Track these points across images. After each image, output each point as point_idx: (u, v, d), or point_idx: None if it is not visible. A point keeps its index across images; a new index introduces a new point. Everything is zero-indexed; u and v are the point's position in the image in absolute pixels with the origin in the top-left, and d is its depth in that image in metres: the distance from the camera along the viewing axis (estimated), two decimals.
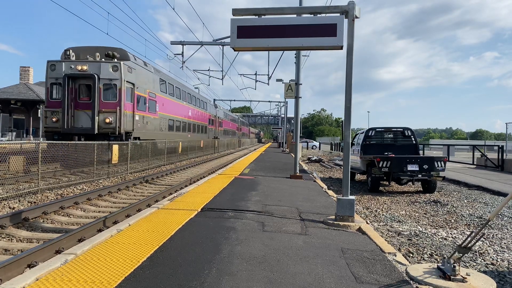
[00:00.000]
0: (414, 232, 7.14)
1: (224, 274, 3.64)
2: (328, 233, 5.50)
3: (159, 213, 6.36)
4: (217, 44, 21.21)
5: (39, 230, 7.34)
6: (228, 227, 5.54)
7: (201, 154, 31.83)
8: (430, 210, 9.69)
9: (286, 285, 3.44)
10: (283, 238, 5.05)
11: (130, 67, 18.53)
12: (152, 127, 21.87)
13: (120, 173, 16.01)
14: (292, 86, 13.90)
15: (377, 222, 8.12)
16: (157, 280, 3.43)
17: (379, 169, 12.16)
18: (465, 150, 45.05)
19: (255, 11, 6.29)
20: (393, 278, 3.74)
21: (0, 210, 8.52)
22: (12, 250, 6.07)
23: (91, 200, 10.07)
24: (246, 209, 6.92)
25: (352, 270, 3.91)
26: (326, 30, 6.06)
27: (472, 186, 14.00)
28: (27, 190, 10.43)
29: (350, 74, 6.18)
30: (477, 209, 9.77)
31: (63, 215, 8.60)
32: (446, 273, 3.77)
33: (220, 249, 4.44)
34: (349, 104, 6.25)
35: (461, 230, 7.52)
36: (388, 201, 11.04)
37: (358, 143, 15.02)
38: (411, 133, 14.81)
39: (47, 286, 3.22)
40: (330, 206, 7.61)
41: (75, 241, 6.21)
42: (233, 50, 6.80)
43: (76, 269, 3.64)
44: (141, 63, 20.73)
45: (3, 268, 4.72)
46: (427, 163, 12.12)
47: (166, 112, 24.53)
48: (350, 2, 6.04)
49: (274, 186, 10.41)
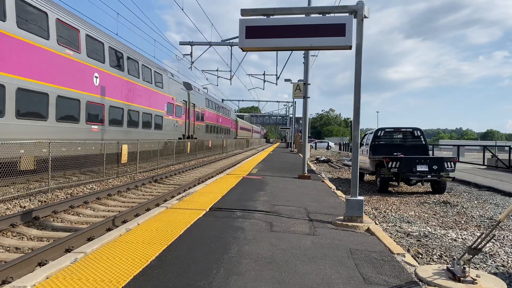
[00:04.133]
0: (423, 233, 7.09)
1: (232, 273, 3.65)
2: (337, 233, 5.48)
3: (168, 212, 6.39)
4: (225, 44, 21.25)
5: (49, 228, 7.42)
6: (236, 227, 5.55)
7: (209, 154, 31.90)
8: (439, 211, 9.62)
9: (294, 285, 3.44)
10: (291, 238, 5.04)
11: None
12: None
13: (129, 172, 16.12)
14: (301, 86, 13.88)
15: (386, 223, 8.08)
16: (165, 279, 3.45)
17: (388, 169, 12.10)
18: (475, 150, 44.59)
19: (263, 11, 6.28)
20: (402, 279, 3.71)
21: (12, 208, 8.62)
22: (23, 249, 6.14)
23: (100, 199, 10.16)
24: (254, 209, 6.92)
25: (360, 270, 3.89)
26: (335, 30, 6.04)
27: (483, 187, 13.86)
28: (38, 189, 10.54)
29: (359, 74, 6.15)
30: (488, 210, 9.67)
31: (73, 214, 8.68)
32: (456, 274, 3.74)
33: (228, 248, 4.45)
34: (358, 104, 6.21)
35: (471, 231, 7.44)
36: (397, 201, 10.97)
37: (367, 144, 14.96)
38: (421, 133, 14.71)
39: (57, 285, 3.25)
40: (338, 207, 7.58)
41: (84, 240, 6.27)
42: (242, 51, 6.79)
43: (86, 267, 3.67)
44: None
45: (14, 266, 4.78)
46: (436, 163, 12.03)
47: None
48: (359, 1, 6.01)
49: (282, 186, 10.40)
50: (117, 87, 17.18)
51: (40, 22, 12.28)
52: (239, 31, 6.29)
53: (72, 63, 13.79)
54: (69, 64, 13.62)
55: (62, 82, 13.21)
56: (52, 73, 12.71)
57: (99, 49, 15.78)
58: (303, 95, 13.78)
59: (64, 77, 13.31)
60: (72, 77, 13.79)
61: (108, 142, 15.19)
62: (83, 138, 14.48)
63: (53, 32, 12.78)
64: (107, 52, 16.34)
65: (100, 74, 15.67)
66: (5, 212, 8.25)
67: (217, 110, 40.89)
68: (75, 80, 14.01)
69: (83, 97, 14.49)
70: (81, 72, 14.41)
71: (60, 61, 13.14)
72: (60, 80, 13.13)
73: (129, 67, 18.41)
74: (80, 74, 14.35)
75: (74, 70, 13.91)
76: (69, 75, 13.60)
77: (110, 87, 16.58)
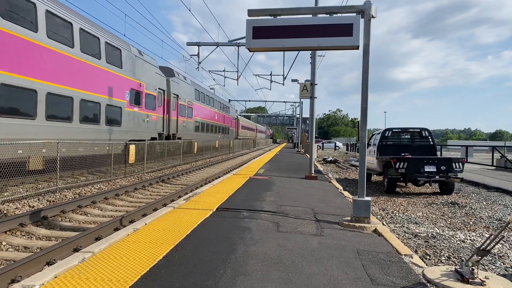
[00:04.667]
0: (431, 234, 7.04)
1: (239, 274, 3.65)
2: (344, 234, 5.46)
3: (175, 212, 6.41)
4: (232, 45, 21.27)
5: (58, 228, 7.48)
6: (243, 227, 5.55)
7: (216, 154, 31.94)
8: (447, 212, 9.55)
9: (300, 286, 3.43)
10: (298, 239, 5.03)
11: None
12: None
13: (136, 172, 16.20)
14: (308, 86, 13.85)
15: (393, 224, 8.04)
16: (172, 279, 3.46)
17: (395, 170, 12.04)
18: (484, 151, 44.23)
19: (270, 12, 6.28)
20: (410, 281, 3.69)
21: (21, 208, 8.71)
22: (31, 248, 6.20)
23: (108, 199, 10.22)
24: (261, 209, 6.92)
25: (367, 271, 3.88)
26: (342, 30, 6.02)
27: (491, 187, 13.74)
28: (46, 189, 10.63)
29: (366, 74, 6.13)
30: (497, 211, 9.58)
31: (81, 213, 8.74)
32: (464, 276, 3.71)
33: (235, 249, 4.45)
34: (366, 104, 6.19)
35: (480, 233, 7.38)
36: (404, 202, 10.91)
37: (375, 144, 14.89)
38: (429, 133, 14.62)
39: (65, 284, 3.27)
40: (345, 207, 7.55)
41: (92, 239, 6.31)
42: (249, 51, 6.78)
43: (94, 267, 3.69)
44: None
45: (23, 266, 4.83)
46: (444, 164, 11.95)
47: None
48: (366, 1, 5.98)
49: (289, 186, 10.39)
50: (22, 56, 11.12)
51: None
52: (246, 32, 6.29)
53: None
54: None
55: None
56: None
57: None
58: (310, 95, 13.75)
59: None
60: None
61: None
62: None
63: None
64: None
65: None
66: (14, 212, 8.34)
67: (211, 104, 33.94)
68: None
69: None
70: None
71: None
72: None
73: (51, 29, 12.41)
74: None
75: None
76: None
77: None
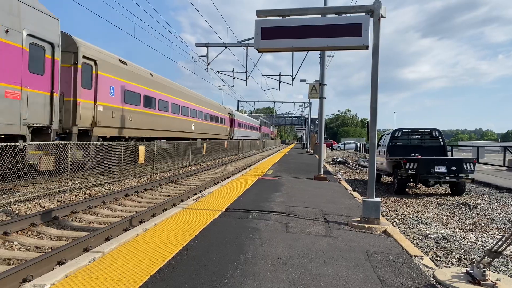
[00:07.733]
0: (441, 235, 6.98)
1: (248, 274, 3.65)
2: (353, 235, 5.43)
3: (184, 213, 6.43)
4: (241, 45, 21.30)
5: (68, 228, 7.55)
6: (252, 227, 5.55)
7: (225, 155, 32.00)
8: (458, 213, 9.45)
9: (310, 286, 3.42)
10: (307, 240, 5.02)
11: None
12: None
13: (146, 173, 16.29)
14: (317, 86, 13.84)
15: (403, 225, 7.98)
16: (182, 279, 3.47)
17: (405, 170, 11.96)
18: (495, 151, 43.63)
19: (279, 12, 6.28)
20: (420, 282, 3.66)
21: (32, 208, 8.80)
22: (42, 248, 6.26)
23: (118, 199, 10.29)
24: (270, 210, 6.91)
25: (377, 273, 3.85)
26: (351, 30, 6.00)
27: (503, 188, 13.58)
28: (57, 190, 10.73)
29: (375, 74, 6.09)
30: (509, 212, 9.46)
31: (91, 214, 8.81)
32: (475, 278, 3.67)
33: (244, 249, 4.45)
34: (375, 104, 6.15)
35: (491, 234, 7.30)
36: (414, 203, 10.82)
37: (384, 144, 14.80)
38: (439, 134, 14.49)
39: (75, 283, 3.30)
40: (355, 208, 7.52)
41: (102, 239, 6.36)
42: (257, 52, 6.78)
43: (104, 267, 3.72)
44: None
45: (34, 265, 4.88)
46: (455, 164, 11.84)
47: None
48: (375, 1, 5.95)
49: (297, 187, 10.36)
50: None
51: None
52: (255, 32, 6.29)
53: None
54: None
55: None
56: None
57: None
58: (319, 95, 13.73)
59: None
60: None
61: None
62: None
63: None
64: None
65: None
66: (25, 212, 8.43)
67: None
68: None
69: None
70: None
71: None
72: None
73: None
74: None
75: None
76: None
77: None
